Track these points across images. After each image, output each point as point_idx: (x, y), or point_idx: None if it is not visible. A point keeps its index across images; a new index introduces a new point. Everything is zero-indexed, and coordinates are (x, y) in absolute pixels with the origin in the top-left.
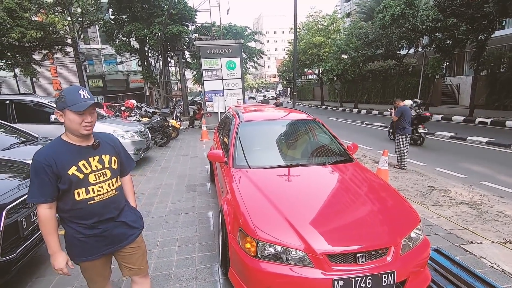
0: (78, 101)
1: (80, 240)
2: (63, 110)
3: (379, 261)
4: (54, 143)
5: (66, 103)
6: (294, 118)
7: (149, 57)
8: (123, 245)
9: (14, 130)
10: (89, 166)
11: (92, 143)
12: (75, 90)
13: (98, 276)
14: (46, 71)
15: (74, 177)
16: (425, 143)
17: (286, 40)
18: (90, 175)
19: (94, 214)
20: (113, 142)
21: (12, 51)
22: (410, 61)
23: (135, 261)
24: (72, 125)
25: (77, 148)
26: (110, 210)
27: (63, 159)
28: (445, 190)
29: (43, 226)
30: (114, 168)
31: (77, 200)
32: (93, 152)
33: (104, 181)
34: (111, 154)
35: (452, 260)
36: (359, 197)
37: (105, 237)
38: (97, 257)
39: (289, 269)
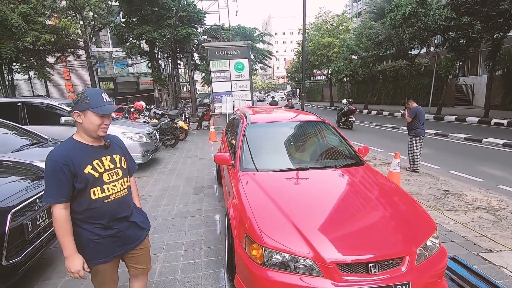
0: (102, 104)
1: (95, 241)
2: (84, 111)
3: (393, 272)
4: (68, 143)
5: (89, 105)
6: (303, 119)
7: (159, 59)
8: (134, 246)
9: (24, 132)
10: (102, 165)
11: (104, 143)
12: (98, 93)
13: (109, 280)
14: (59, 73)
15: (90, 176)
16: (438, 145)
17: (295, 41)
18: (104, 174)
19: (109, 213)
20: (120, 143)
21: (27, 55)
22: (422, 61)
23: (142, 261)
24: (91, 127)
25: (90, 147)
26: (123, 209)
27: (78, 158)
28: (460, 194)
29: (60, 227)
30: (124, 168)
31: (93, 199)
32: (105, 152)
33: (117, 180)
34: (121, 154)
35: (470, 270)
36: (371, 203)
37: (119, 238)
38: (111, 259)
39: (298, 279)
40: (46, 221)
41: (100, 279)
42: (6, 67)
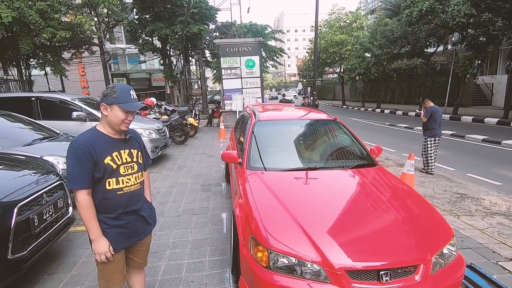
0: (129, 100)
1: (105, 230)
2: (111, 104)
3: (405, 280)
4: (91, 133)
5: (118, 100)
6: (313, 118)
7: (171, 56)
8: (139, 239)
9: (37, 126)
10: (120, 158)
11: (124, 137)
12: (127, 89)
13: (117, 272)
14: (74, 69)
15: (109, 166)
16: (454, 146)
17: (307, 38)
18: (121, 167)
19: (120, 205)
20: (139, 138)
21: (43, 51)
22: (439, 59)
23: (142, 255)
24: (116, 120)
25: (111, 139)
26: (134, 202)
27: (100, 147)
28: (477, 198)
29: (85, 211)
30: (140, 163)
31: (107, 189)
32: (124, 145)
33: (132, 174)
34: (138, 149)
35: (488, 279)
36: (383, 206)
37: (127, 229)
38: (118, 250)
39: (305, 284)
40: (52, 216)
41: (108, 271)
42: (24, 62)
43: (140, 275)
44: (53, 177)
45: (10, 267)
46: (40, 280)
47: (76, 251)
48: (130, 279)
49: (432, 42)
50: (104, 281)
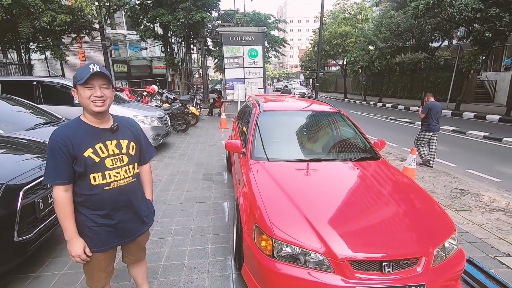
0: (86, 74)
1: (91, 228)
2: (75, 87)
3: (407, 272)
4: (72, 123)
5: (76, 78)
6: (318, 110)
7: (172, 43)
8: (131, 239)
9: (39, 111)
10: (106, 149)
11: (110, 126)
12: (86, 65)
13: (100, 271)
14: (74, 54)
15: (90, 160)
16: (455, 142)
17: (310, 29)
18: (107, 159)
19: (109, 202)
20: (133, 127)
21: (43, 35)
22: (443, 54)
23: (136, 253)
24: (84, 101)
25: (95, 130)
26: (126, 198)
27: (80, 139)
28: (477, 194)
29: (59, 209)
30: (132, 154)
31: (93, 184)
32: (110, 136)
33: (120, 167)
34: (130, 139)
35: (486, 273)
36: (386, 199)
37: (117, 229)
38: (105, 249)
39: (307, 273)
40: None
41: (90, 268)
42: (24, 46)
43: (141, 266)
44: None
45: (16, 249)
46: (45, 263)
47: None
48: (131, 271)
49: (437, 36)
50: (87, 277)
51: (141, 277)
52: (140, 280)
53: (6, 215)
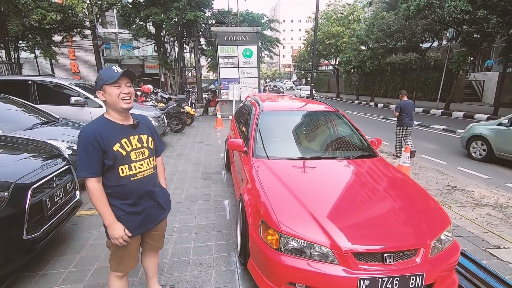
0: (112, 75)
1: (121, 217)
2: (102, 87)
3: (407, 262)
4: (98, 121)
5: (103, 80)
6: (316, 109)
7: (165, 42)
8: (154, 225)
9: (36, 111)
10: (130, 144)
11: (132, 123)
12: (109, 68)
13: (130, 256)
14: (65, 53)
15: (118, 154)
16: (445, 140)
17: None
18: (132, 153)
19: (136, 191)
20: (148, 124)
21: (33, 33)
22: (433, 55)
23: (156, 239)
24: (113, 99)
25: (119, 126)
26: (149, 187)
27: (108, 135)
28: (468, 190)
29: (96, 198)
30: (151, 148)
31: (121, 176)
32: (133, 131)
33: (143, 159)
34: (148, 134)
35: (478, 265)
36: (386, 195)
37: (143, 216)
38: (134, 236)
39: (313, 265)
40: (62, 199)
41: (121, 254)
42: (13, 44)
43: (155, 257)
44: (61, 161)
45: (25, 247)
46: (50, 261)
47: (83, 234)
48: (145, 261)
49: (427, 37)
50: (116, 262)
51: (153, 269)
52: (151, 273)
53: (16, 214)
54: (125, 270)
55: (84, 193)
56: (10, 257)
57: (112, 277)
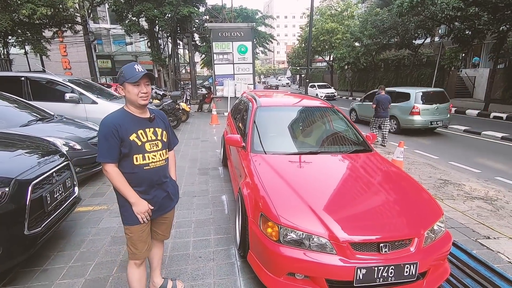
0: (134, 74)
1: None
2: (123, 84)
3: (402, 252)
4: (119, 113)
5: (125, 77)
6: (312, 105)
7: (159, 38)
8: (162, 213)
9: (31, 107)
10: (145, 135)
11: (149, 116)
12: (131, 65)
13: (142, 242)
14: (56, 49)
15: (134, 143)
16: (438, 136)
17: (297, 25)
18: (146, 144)
19: (147, 179)
20: (164, 118)
21: (22, 28)
22: (426, 51)
23: (163, 229)
24: (131, 96)
25: (137, 118)
26: (160, 177)
27: (126, 125)
28: (459, 184)
29: (117, 180)
30: (164, 141)
31: (135, 164)
32: (149, 124)
33: (156, 151)
34: (163, 128)
35: (469, 254)
36: (381, 188)
37: (154, 203)
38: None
39: (312, 255)
40: (62, 195)
41: (134, 240)
42: (2, 40)
43: (160, 249)
44: (59, 157)
45: (27, 242)
46: (50, 257)
47: (82, 230)
48: (152, 251)
49: (420, 33)
50: (132, 248)
51: (157, 260)
52: (156, 264)
53: (17, 209)
54: (140, 256)
55: (83, 189)
56: (12, 252)
57: (130, 266)
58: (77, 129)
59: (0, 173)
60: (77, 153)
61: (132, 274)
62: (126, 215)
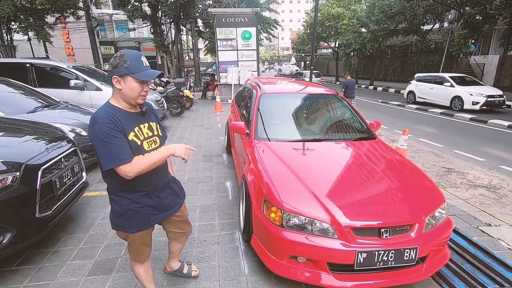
0: (142, 69)
1: (134, 210)
2: (124, 76)
3: (402, 237)
4: (107, 109)
5: (130, 70)
6: (316, 92)
7: (162, 24)
8: (170, 213)
9: (37, 94)
10: (142, 133)
11: (140, 110)
12: (137, 56)
13: (145, 245)
14: (59, 35)
15: (133, 143)
16: (443, 124)
17: (302, 10)
18: (144, 142)
19: (150, 181)
20: (154, 110)
21: (25, 14)
22: (434, 37)
23: (180, 227)
24: (132, 93)
25: (129, 114)
26: (163, 176)
27: (122, 123)
28: (462, 172)
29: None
30: (161, 135)
31: None
32: (142, 119)
33: (155, 148)
34: (156, 122)
35: (469, 241)
36: (384, 174)
37: (157, 206)
38: (147, 227)
39: (314, 239)
40: (70, 180)
41: (136, 246)
42: (5, 26)
43: (182, 243)
44: (67, 143)
45: (38, 225)
46: (61, 239)
47: (90, 214)
48: (175, 245)
49: (429, 19)
50: (133, 254)
51: (177, 251)
52: (175, 254)
53: (28, 193)
54: (144, 258)
55: (90, 174)
56: (25, 234)
57: (134, 265)
58: (83, 115)
59: (11, 158)
60: (83, 139)
61: (137, 270)
62: (128, 223)
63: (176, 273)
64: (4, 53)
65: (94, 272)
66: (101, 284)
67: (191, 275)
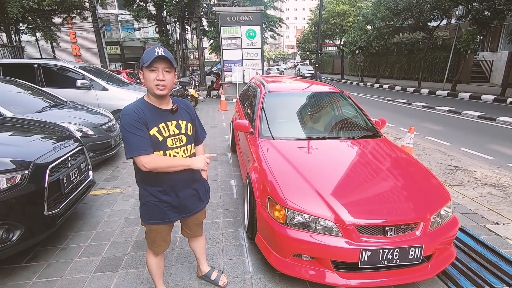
0: (151, 57)
1: (153, 203)
2: (142, 69)
3: (407, 235)
4: (138, 103)
5: (142, 61)
6: (321, 90)
7: (167, 23)
8: (189, 215)
9: (44, 94)
10: (167, 130)
11: (171, 107)
12: (152, 48)
13: (161, 240)
14: (66, 36)
15: (154, 138)
16: (451, 122)
17: (307, 8)
18: (168, 139)
19: (169, 179)
20: (189, 109)
21: (32, 15)
22: (441, 34)
23: (192, 228)
24: (148, 83)
25: (158, 110)
26: (184, 176)
27: (147, 118)
28: (470, 170)
29: (163, 161)
30: (190, 135)
31: None
32: (171, 116)
33: (179, 147)
34: (188, 121)
35: (476, 239)
36: (389, 173)
37: (176, 205)
38: (165, 222)
39: (318, 237)
40: (77, 178)
41: (153, 236)
42: (13, 27)
43: (198, 242)
44: (74, 142)
45: (47, 222)
46: (68, 236)
47: (97, 211)
48: (190, 243)
49: (436, 15)
50: (149, 242)
51: (199, 251)
52: (198, 254)
53: (36, 191)
54: (157, 251)
55: (96, 173)
56: (33, 231)
57: (149, 253)
58: (89, 115)
59: (19, 156)
60: (90, 138)
61: (150, 260)
62: (146, 213)
63: (204, 277)
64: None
65: (101, 269)
66: (108, 280)
67: (218, 283)
